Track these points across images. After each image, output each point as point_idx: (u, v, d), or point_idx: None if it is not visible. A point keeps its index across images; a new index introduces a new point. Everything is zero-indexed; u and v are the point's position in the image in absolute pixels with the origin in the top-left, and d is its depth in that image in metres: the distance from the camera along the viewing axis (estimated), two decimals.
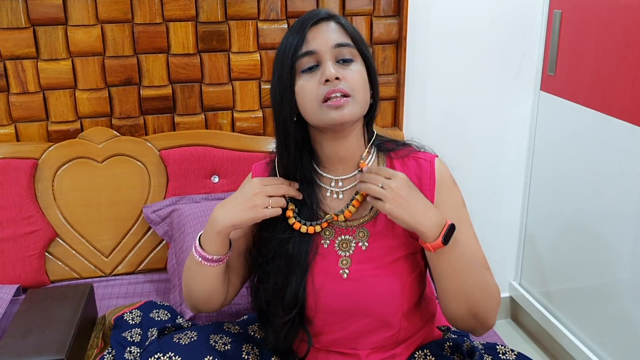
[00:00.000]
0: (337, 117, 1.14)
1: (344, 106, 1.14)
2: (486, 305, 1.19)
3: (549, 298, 2.29)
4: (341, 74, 1.14)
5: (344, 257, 1.23)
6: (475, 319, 1.20)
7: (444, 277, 1.16)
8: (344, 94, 1.14)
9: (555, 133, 2.17)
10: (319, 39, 1.15)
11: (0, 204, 1.78)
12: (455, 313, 1.20)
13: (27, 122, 1.88)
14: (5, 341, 1.39)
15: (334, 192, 1.26)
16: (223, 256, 1.24)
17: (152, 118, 1.95)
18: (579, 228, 2.08)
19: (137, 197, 1.91)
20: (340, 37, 1.17)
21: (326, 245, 1.24)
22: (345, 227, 1.24)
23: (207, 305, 1.33)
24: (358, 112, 1.17)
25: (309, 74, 1.16)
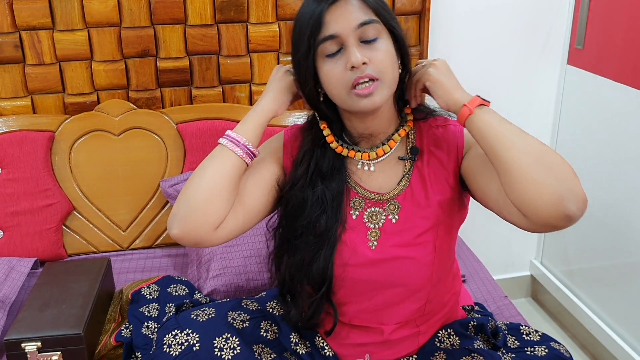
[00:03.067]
0: (368, 105, 1.10)
1: (373, 92, 1.09)
2: (559, 167, 0.99)
3: (571, 277, 2.25)
4: (367, 56, 1.08)
5: (373, 229, 1.21)
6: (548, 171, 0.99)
7: (494, 137, 1.04)
8: (372, 78, 1.08)
9: (582, 108, 2.11)
10: (340, 20, 1.07)
11: (17, 176, 1.77)
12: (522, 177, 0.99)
13: (43, 94, 1.86)
14: (23, 314, 1.39)
15: (365, 164, 1.23)
16: (252, 148, 1.16)
17: (169, 91, 1.92)
18: (603, 206, 2.03)
19: (154, 170, 1.89)
20: (362, 15, 1.08)
21: (355, 216, 1.22)
22: (376, 199, 1.22)
23: (200, 216, 1.11)
24: (388, 94, 1.13)
25: (333, 58, 1.10)
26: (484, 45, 2.12)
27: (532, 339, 1.33)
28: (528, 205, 0.98)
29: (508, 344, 1.32)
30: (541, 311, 2.43)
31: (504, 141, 1.02)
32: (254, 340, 1.28)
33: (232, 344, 1.22)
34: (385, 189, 1.22)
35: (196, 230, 1.12)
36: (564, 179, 0.98)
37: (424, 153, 1.21)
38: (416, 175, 1.21)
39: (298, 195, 1.20)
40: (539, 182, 0.97)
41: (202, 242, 1.14)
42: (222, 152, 1.15)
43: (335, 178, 1.21)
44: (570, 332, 2.27)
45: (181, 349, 1.21)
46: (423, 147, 1.21)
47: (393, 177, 1.22)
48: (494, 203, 1.10)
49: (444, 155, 1.20)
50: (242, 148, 1.15)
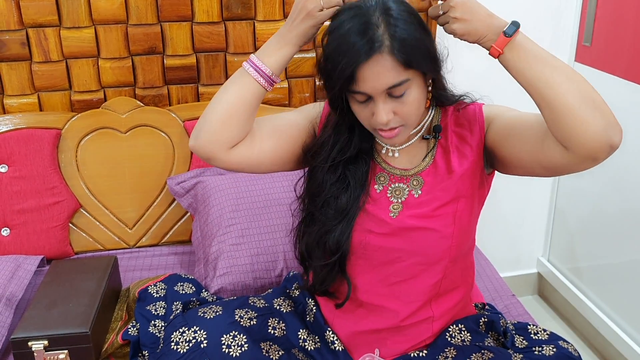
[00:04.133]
0: (391, 143, 1.21)
1: (395, 136, 1.14)
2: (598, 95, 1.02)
3: (578, 275, 2.24)
4: (394, 109, 1.10)
5: (396, 203, 1.23)
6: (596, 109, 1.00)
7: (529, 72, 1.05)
8: (394, 127, 1.13)
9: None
10: (370, 80, 1.06)
11: (24, 174, 1.77)
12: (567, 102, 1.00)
13: (50, 91, 1.86)
14: (30, 313, 1.39)
15: (390, 150, 1.25)
16: (274, 75, 1.18)
17: (176, 88, 1.92)
18: (610, 204, 2.02)
19: (161, 168, 1.88)
20: (393, 76, 1.05)
21: (379, 190, 1.24)
22: (400, 175, 1.24)
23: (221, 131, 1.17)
24: (410, 131, 1.18)
25: (362, 104, 1.12)
26: None
27: (540, 338, 1.32)
28: (575, 140, 1.01)
29: (516, 344, 1.31)
30: (548, 309, 2.42)
31: (545, 81, 1.03)
32: (262, 338, 1.28)
33: (240, 341, 1.23)
34: (410, 166, 1.24)
35: (210, 146, 1.18)
36: (607, 113, 1.01)
37: (447, 130, 1.24)
38: (440, 152, 1.23)
39: (318, 175, 1.24)
40: (587, 119, 0.99)
41: (214, 159, 1.20)
42: (243, 78, 1.18)
43: (362, 159, 1.24)
44: (577, 329, 2.27)
45: (189, 346, 1.21)
46: (447, 126, 1.24)
47: (417, 155, 1.24)
48: (531, 159, 1.13)
49: (467, 132, 1.22)
50: (264, 77, 1.18)
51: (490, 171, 1.26)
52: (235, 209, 1.70)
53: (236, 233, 1.65)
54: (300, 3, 1.15)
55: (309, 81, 1.98)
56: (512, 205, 2.32)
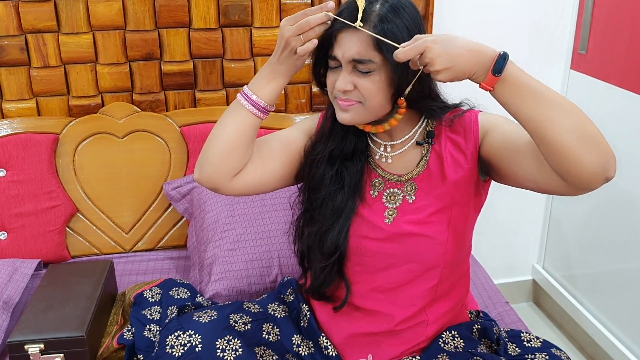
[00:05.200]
0: (344, 118, 1.18)
1: (348, 110, 1.16)
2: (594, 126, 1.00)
3: (573, 282, 2.25)
4: (356, 82, 1.13)
5: (391, 208, 1.24)
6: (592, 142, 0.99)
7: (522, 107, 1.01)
8: (351, 102, 1.15)
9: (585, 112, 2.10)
10: (342, 46, 1.12)
11: (22, 178, 1.78)
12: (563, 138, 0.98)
13: (48, 96, 1.87)
14: (26, 316, 1.40)
15: (383, 156, 1.26)
16: (268, 105, 1.19)
17: (173, 94, 1.93)
18: (606, 212, 2.03)
19: (157, 173, 1.90)
20: (362, 50, 1.10)
21: (374, 195, 1.26)
22: (395, 180, 1.25)
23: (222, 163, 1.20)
24: (367, 118, 1.18)
25: (331, 70, 1.18)
26: None
27: (533, 346, 1.33)
28: (571, 175, 1.00)
29: (509, 351, 1.32)
30: (543, 316, 2.42)
31: (540, 119, 0.99)
32: (256, 343, 1.29)
33: (234, 346, 1.23)
34: (404, 171, 1.25)
35: (214, 177, 1.21)
36: (603, 148, 0.99)
37: (441, 137, 1.24)
38: (434, 158, 1.24)
39: (317, 171, 1.25)
40: (582, 158, 0.98)
41: (219, 189, 1.23)
42: (239, 111, 1.20)
43: (357, 158, 1.26)
44: (571, 337, 2.27)
45: (183, 350, 1.22)
46: (441, 132, 1.24)
47: (411, 161, 1.25)
48: (527, 181, 1.12)
49: (461, 139, 1.23)
50: (259, 109, 1.19)
51: (486, 179, 1.27)
52: (230, 214, 1.71)
53: (231, 238, 1.66)
54: (283, 40, 1.13)
55: (305, 87, 2.00)
56: (507, 212, 2.33)
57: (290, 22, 1.12)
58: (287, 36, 1.11)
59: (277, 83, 1.19)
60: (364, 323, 1.29)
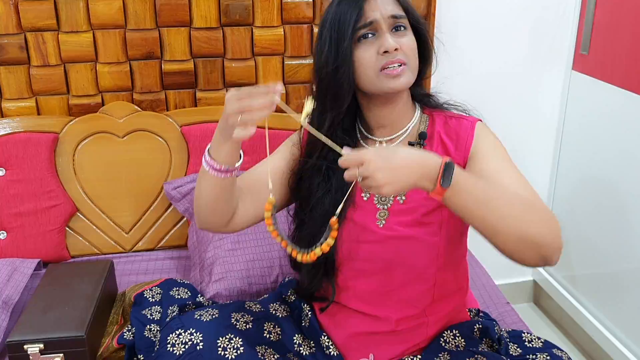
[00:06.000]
0: (396, 85, 1.17)
1: (400, 75, 1.16)
2: (537, 230, 1.04)
3: (574, 283, 2.25)
4: (398, 43, 1.16)
5: (382, 209, 1.24)
6: (532, 248, 1.05)
7: (470, 216, 1.03)
8: (400, 62, 1.16)
9: (586, 114, 2.11)
10: (376, 10, 1.16)
11: (21, 177, 1.78)
12: (506, 245, 1.05)
13: (47, 95, 1.86)
14: (26, 316, 1.39)
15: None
16: (231, 167, 1.15)
17: (174, 93, 1.92)
18: (607, 212, 2.03)
19: (157, 173, 1.89)
20: (395, 9, 1.18)
21: (365, 198, 1.25)
22: None
23: (211, 218, 1.23)
24: (411, 79, 1.19)
25: (365, 42, 1.17)
26: (488, 50, 2.12)
27: (534, 346, 1.33)
28: (515, 260, 1.09)
29: (510, 351, 1.31)
30: (543, 317, 2.42)
31: (486, 225, 1.03)
32: (258, 342, 1.28)
33: (236, 344, 1.23)
34: None
35: (211, 228, 1.27)
36: (549, 245, 1.06)
37: (433, 139, 1.24)
38: None
39: (306, 182, 1.26)
40: (524, 257, 1.07)
41: (222, 233, 1.33)
42: (206, 174, 1.16)
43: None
44: (572, 337, 2.27)
45: (184, 348, 1.21)
46: (434, 134, 1.25)
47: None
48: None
49: (452, 145, 1.23)
50: (223, 172, 1.15)
51: None
52: None
53: (232, 238, 1.65)
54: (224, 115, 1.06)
55: (306, 87, 1.99)
56: None
57: (235, 97, 1.04)
58: (228, 112, 1.04)
59: (230, 146, 1.12)
60: (364, 324, 1.29)
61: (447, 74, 2.08)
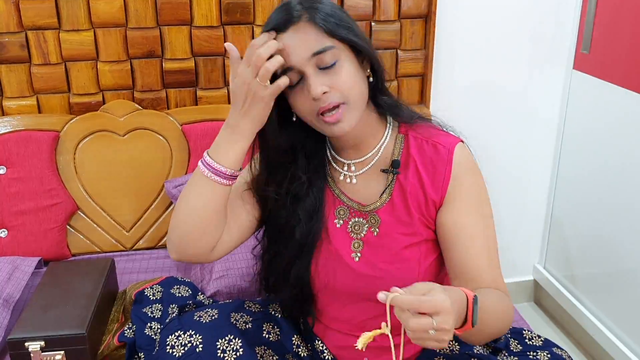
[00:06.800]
0: (338, 131, 1.09)
1: (340, 120, 1.07)
2: (506, 328, 1.14)
3: (574, 282, 2.24)
4: (327, 83, 1.05)
5: (356, 239, 1.21)
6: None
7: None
8: (335, 105, 1.06)
9: (587, 113, 2.10)
10: (295, 49, 1.04)
11: (22, 176, 1.78)
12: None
13: (48, 93, 1.86)
14: (26, 314, 1.39)
15: (347, 177, 1.22)
16: (235, 171, 1.11)
17: (174, 92, 1.92)
18: (608, 212, 2.02)
19: (158, 171, 1.89)
20: (315, 42, 1.04)
21: (339, 225, 1.22)
22: (359, 209, 1.21)
23: (193, 245, 1.15)
24: (357, 115, 1.10)
25: (295, 90, 1.07)
26: (489, 49, 2.11)
27: (534, 344, 1.33)
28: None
29: (510, 347, 1.31)
30: (544, 316, 2.42)
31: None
32: (257, 342, 1.28)
33: (235, 346, 1.22)
34: (368, 201, 1.21)
35: (193, 256, 1.18)
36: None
37: (409, 167, 1.18)
38: (398, 190, 1.19)
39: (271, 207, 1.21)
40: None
41: (202, 262, 1.22)
42: (204, 183, 1.11)
43: (312, 193, 1.19)
44: (572, 337, 2.27)
45: (184, 350, 1.21)
46: (409, 160, 1.18)
47: (375, 189, 1.20)
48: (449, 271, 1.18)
49: (429, 180, 1.16)
50: (226, 177, 1.11)
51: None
52: None
53: None
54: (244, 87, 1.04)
55: None
56: (508, 212, 2.32)
57: (246, 64, 1.03)
58: (248, 80, 1.02)
59: (241, 146, 1.09)
60: (350, 340, 1.26)
61: (448, 73, 2.09)
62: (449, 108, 2.10)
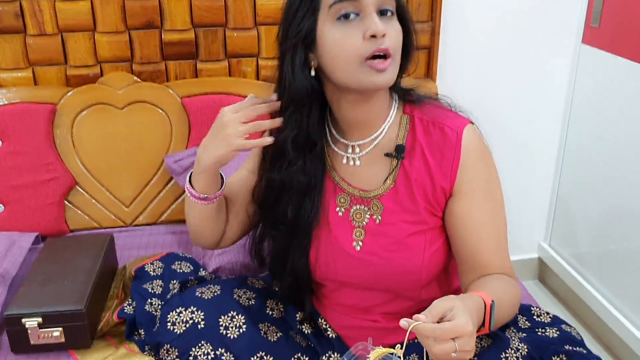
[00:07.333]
0: (379, 82, 1.03)
1: (386, 70, 1.02)
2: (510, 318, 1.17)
3: (579, 260, 2.22)
4: (386, 29, 1.01)
5: (358, 228, 1.17)
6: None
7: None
8: (387, 53, 1.01)
9: (596, 88, 2.06)
10: None
11: (18, 149, 1.74)
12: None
13: (44, 65, 1.81)
14: (24, 290, 1.37)
15: (350, 159, 1.18)
16: (211, 195, 1.18)
17: (174, 64, 1.88)
18: (616, 189, 1.99)
19: (158, 146, 1.85)
20: None
21: (340, 213, 1.19)
22: (360, 196, 1.18)
23: (201, 240, 1.29)
24: (394, 77, 1.06)
25: (347, 24, 1.02)
26: (496, 22, 2.06)
27: (543, 321, 1.29)
28: None
29: (519, 323, 1.28)
30: (548, 294, 2.40)
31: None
32: (260, 319, 1.26)
33: (238, 322, 1.20)
34: (370, 186, 1.17)
35: (203, 246, 1.32)
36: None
37: (414, 153, 1.14)
38: (402, 176, 1.14)
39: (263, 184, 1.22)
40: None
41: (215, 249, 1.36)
42: (189, 200, 1.21)
43: (306, 173, 1.16)
44: (577, 315, 2.25)
45: (185, 327, 1.19)
46: (415, 145, 1.14)
47: (379, 174, 1.16)
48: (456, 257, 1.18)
49: (436, 167, 1.12)
50: (206, 200, 1.19)
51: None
52: None
53: None
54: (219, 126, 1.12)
55: None
56: (514, 189, 2.28)
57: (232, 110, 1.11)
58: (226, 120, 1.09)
59: (204, 177, 1.17)
60: (354, 322, 1.25)
61: (455, 46, 2.04)
62: (456, 82, 2.06)
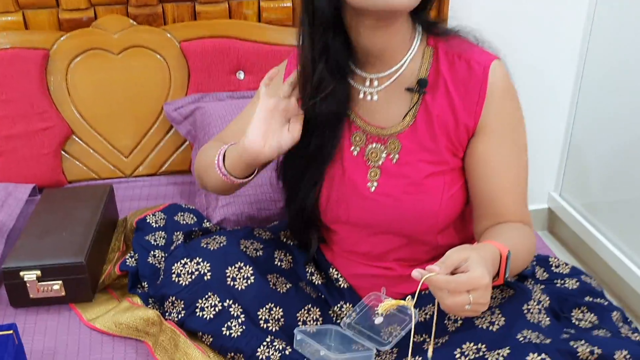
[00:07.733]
0: (395, 2, 0.96)
1: None
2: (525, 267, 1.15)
3: (592, 210, 2.17)
4: None
5: (373, 167, 1.11)
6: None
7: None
8: None
9: (613, 35, 1.96)
10: None
11: (10, 97, 1.66)
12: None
13: (35, 8, 1.72)
14: (21, 242, 1.32)
15: (368, 94, 1.11)
16: (240, 179, 1.16)
17: (172, 6, 1.78)
18: (629, 136, 1.93)
19: (157, 92, 1.77)
20: None
21: (355, 152, 1.13)
22: (377, 134, 1.11)
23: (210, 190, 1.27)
24: (413, 1, 0.98)
25: None
26: None
27: (561, 272, 1.26)
28: None
29: (536, 275, 1.24)
30: (559, 245, 2.36)
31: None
32: (268, 270, 1.22)
33: (246, 274, 1.16)
34: (388, 123, 1.10)
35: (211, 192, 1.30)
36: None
37: (437, 86, 1.07)
38: (423, 112, 1.08)
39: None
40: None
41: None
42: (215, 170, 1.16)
43: (330, 101, 1.09)
44: (588, 265, 2.22)
45: (191, 279, 1.15)
46: (438, 79, 1.07)
47: (398, 111, 1.10)
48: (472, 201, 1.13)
49: (460, 101, 1.06)
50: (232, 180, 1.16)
51: None
52: None
53: None
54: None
55: None
56: None
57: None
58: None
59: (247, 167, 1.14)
60: (366, 269, 1.21)
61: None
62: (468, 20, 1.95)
